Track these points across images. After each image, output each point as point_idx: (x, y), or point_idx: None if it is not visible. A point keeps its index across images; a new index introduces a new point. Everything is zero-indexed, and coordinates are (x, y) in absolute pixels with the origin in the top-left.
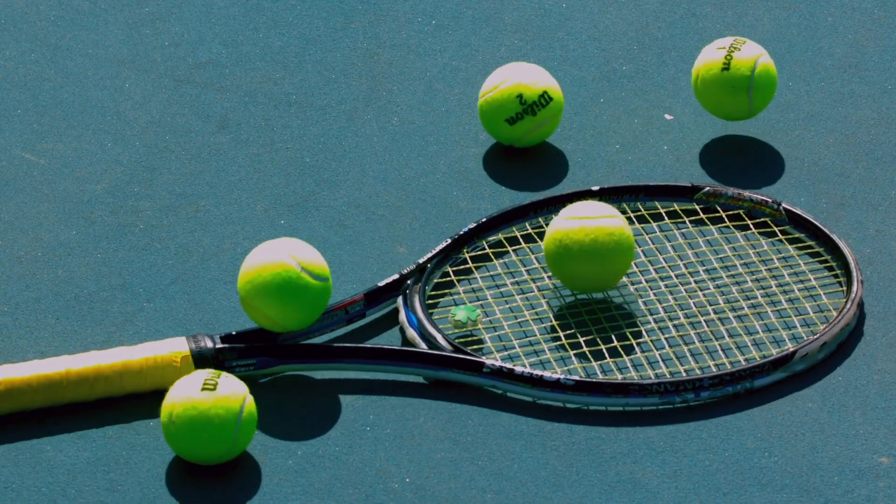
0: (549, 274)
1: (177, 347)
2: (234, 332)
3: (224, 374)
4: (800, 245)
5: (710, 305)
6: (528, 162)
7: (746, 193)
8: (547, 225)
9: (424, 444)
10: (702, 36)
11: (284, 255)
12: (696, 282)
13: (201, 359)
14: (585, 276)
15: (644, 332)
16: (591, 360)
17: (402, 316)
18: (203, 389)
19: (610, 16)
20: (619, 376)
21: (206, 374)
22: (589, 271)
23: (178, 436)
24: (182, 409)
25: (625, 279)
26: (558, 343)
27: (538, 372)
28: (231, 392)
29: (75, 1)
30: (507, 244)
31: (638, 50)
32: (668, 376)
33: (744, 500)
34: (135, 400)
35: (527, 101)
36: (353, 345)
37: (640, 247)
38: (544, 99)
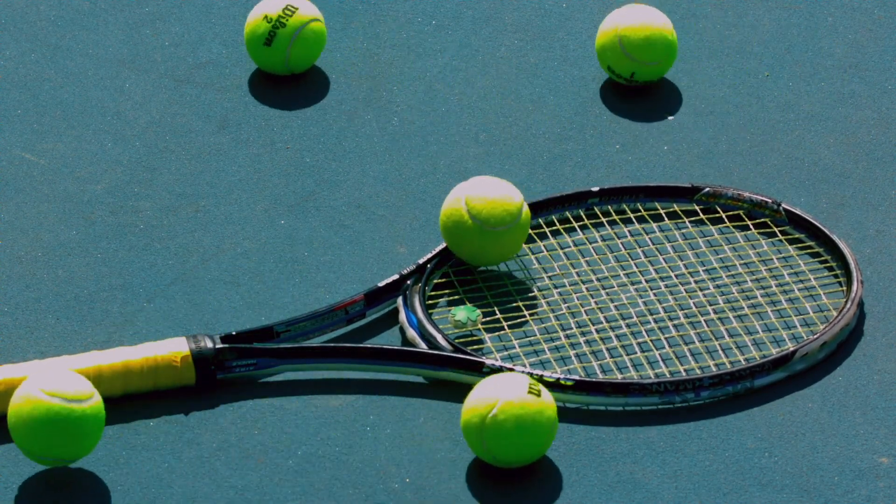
0: (549, 274)
1: (177, 347)
2: (234, 332)
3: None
4: (800, 245)
5: (710, 305)
6: (527, 162)
7: (746, 194)
8: (547, 226)
9: (424, 444)
10: (702, 36)
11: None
12: (696, 282)
13: (201, 359)
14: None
15: (644, 332)
16: (592, 359)
17: (402, 316)
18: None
19: None
20: (619, 376)
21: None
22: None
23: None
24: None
25: (624, 279)
26: (558, 343)
27: (538, 371)
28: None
29: (75, 1)
30: None
31: None
32: (668, 376)
33: (744, 500)
34: (135, 400)
35: (271, 18)
36: (353, 345)
37: (640, 247)
38: (289, 9)
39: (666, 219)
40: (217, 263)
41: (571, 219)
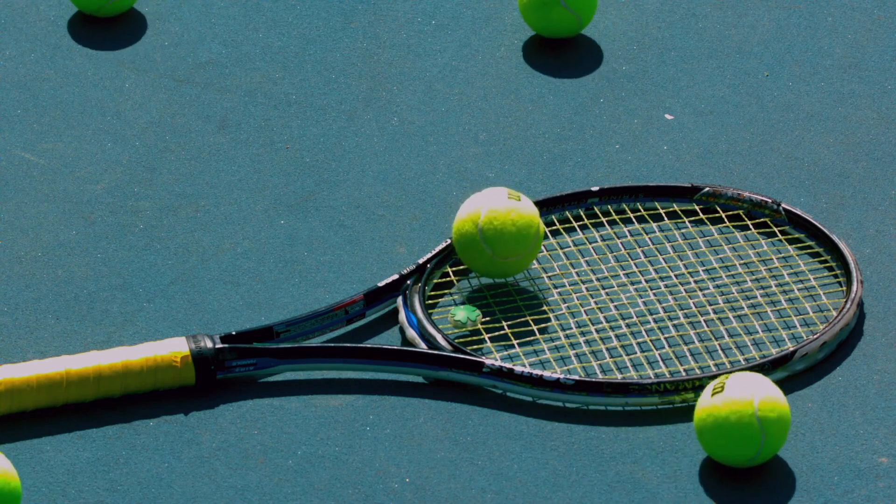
0: (549, 274)
1: (177, 347)
2: (234, 332)
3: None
4: (800, 245)
5: (710, 305)
6: (527, 162)
7: (746, 194)
8: (547, 226)
9: (424, 444)
10: (702, 36)
11: None
12: (695, 282)
13: (201, 359)
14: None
15: (644, 332)
16: (591, 359)
17: (402, 316)
18: (714, 394)
19: (610, 16)
20: (619, 376)
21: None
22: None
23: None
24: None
25: (624, 279)
26: (558, 343)
27: (538, 372)
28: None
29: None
30: None
31: (638, 50)
32: (668, 376)
33: (744, 500)
34: (135, 400)
35: None
36: (353, 345)
37: (639, 247)
38: None
39: (666, 219)
40: (217, 263)
41: (571, 219)
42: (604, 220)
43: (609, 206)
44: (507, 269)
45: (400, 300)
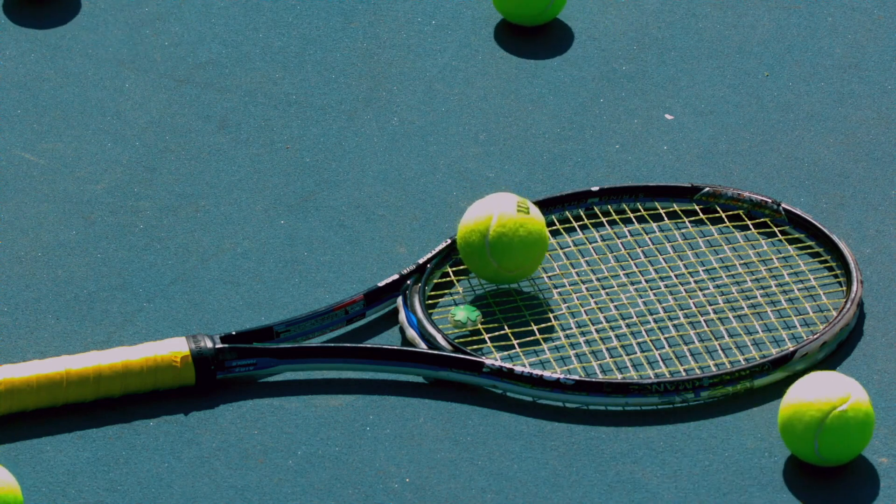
0: (549, 274)
1: (177, 347)
2: (234, 332)
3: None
4: (799, 245)
5: (710, 305)
6: (527, 162)
7: (746, 194)
8: (547, 226)
9: (424, 444)
10: (702, 36)
11: None
12: (695, 282)
13: (201, 359)
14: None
15: (644, 332)
16: (591, 359)
17: (402, 316)
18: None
19: (610, 16)
20: (619, 376)
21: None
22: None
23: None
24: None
25: (624, 279)
26: (558, 343)
27: (538, 371)
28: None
29: (75, 1)
30: None
31: (638, 50)
32: (667, 376)
33: (744, 500)
34: (135, 400)
35: None
36: (353, 345)
37: (639, 247)
38: None
39: (666, 219)
40: (217, 263)
41: (571, 219)
42: (604, 220)
43: (609, 206)
44: (511, 278)
45: (400, 300)
